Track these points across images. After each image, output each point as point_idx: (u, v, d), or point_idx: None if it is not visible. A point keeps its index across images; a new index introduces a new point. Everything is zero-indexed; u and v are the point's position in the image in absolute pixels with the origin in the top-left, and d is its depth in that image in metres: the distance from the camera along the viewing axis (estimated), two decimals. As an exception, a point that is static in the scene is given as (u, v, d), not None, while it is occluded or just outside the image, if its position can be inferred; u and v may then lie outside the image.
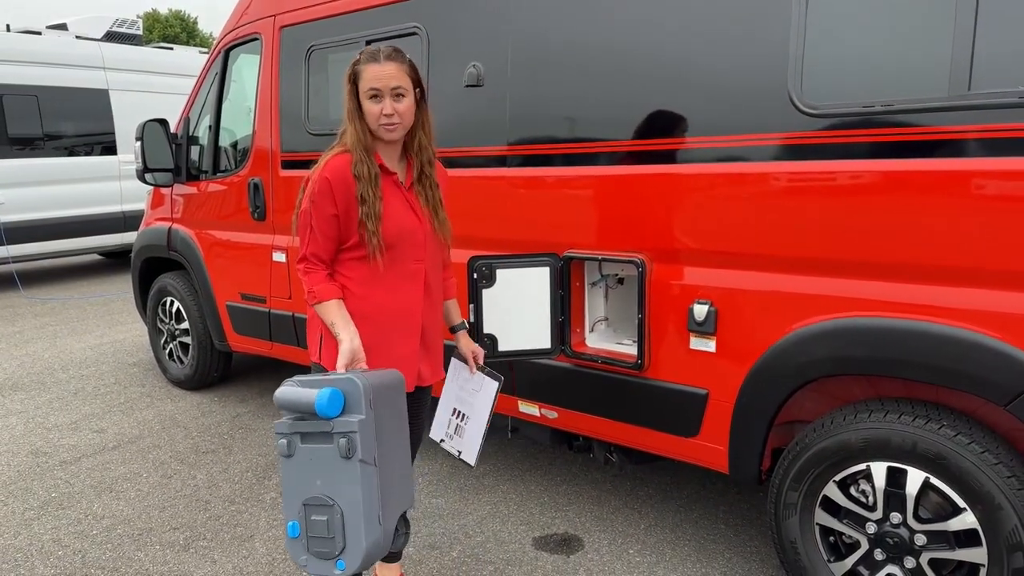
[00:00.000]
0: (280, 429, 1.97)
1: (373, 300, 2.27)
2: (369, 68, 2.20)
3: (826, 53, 2.36)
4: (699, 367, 2.73)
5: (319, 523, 1.93)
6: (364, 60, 2.23)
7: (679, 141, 2.69)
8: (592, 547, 3.15)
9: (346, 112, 2.26)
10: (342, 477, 1.92)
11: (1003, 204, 2.09)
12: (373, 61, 2.21)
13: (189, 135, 4.85)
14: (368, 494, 1.93)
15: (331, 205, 2.20)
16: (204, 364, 5.11)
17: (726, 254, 2.62)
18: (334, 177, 2.19)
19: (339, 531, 1.93)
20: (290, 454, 1.97)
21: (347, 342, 2.16)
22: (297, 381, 1.97)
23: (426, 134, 2.34)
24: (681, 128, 2.68)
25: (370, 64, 2.21)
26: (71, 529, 3.33)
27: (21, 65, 8.79)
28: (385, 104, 2.20)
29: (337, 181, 2.19)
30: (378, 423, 1.95)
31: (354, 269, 2.27)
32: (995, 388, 2.14)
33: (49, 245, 9.14)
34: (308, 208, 2.22)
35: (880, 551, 2.40)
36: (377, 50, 2.23)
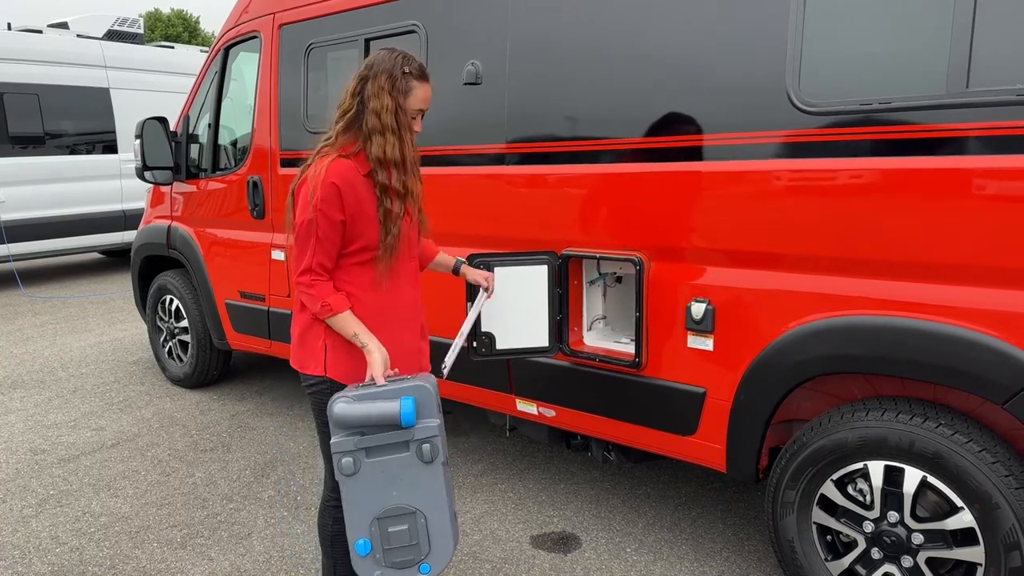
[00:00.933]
0: (343, 448, 1.93)
1: (379, 302, 2.22)
2: (422, 88, 2.17)
3: (824, 50, 2.36)
4: (697, 365, 2.72)
5: (399, 533, 1.94)
6: (415, 75, 2.16)
7: (677, 139, 2.68)
8: (590, 545, 3.14)
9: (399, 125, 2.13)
10: (423, 482, 1.93)
11: (1001, 202, 2.09)
12: (424, 80, 2.18)
13: (189, 133, 4.85)
14: (449, 494, 1.97)
15: (339, 211, 2.09)
16: (203, 362, 5.11)
17: (724, 252, 2.61)
18: (342, 183, 2.09)
19: (423, 536, 1.95)
20: (355, 472, 1.94)
21: (376, 351, 2.10)
22: (352, 397, 1.95)
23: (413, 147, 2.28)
24: (680, 126, 2.68)
25: (422, 83, 2.17)
26: (69, 526, 3.33)
27: (22, 63, 8.80)
28: (417, 123, 2.21)
29: (346, 187, 2.10)
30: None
31: (356, 274, 2.19)
32: (993, 387, 2.13)
33: (49, 243, 9.15)
34: (313, 217, 2.08)
35: (877, 550, 2.40)
36: (421, 66, 2.19)
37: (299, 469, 3.90)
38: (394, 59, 2.15)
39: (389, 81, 2.12)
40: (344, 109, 2.17)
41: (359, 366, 2.15)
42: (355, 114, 2.15)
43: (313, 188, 2.09)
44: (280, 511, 3.46)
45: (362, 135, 2.14)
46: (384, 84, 2.12)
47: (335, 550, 2.36)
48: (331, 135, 2.19)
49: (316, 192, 2.08)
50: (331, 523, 2.34)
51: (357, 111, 2.14)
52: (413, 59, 2.18)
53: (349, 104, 2.16)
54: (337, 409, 1.93)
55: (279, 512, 3.45)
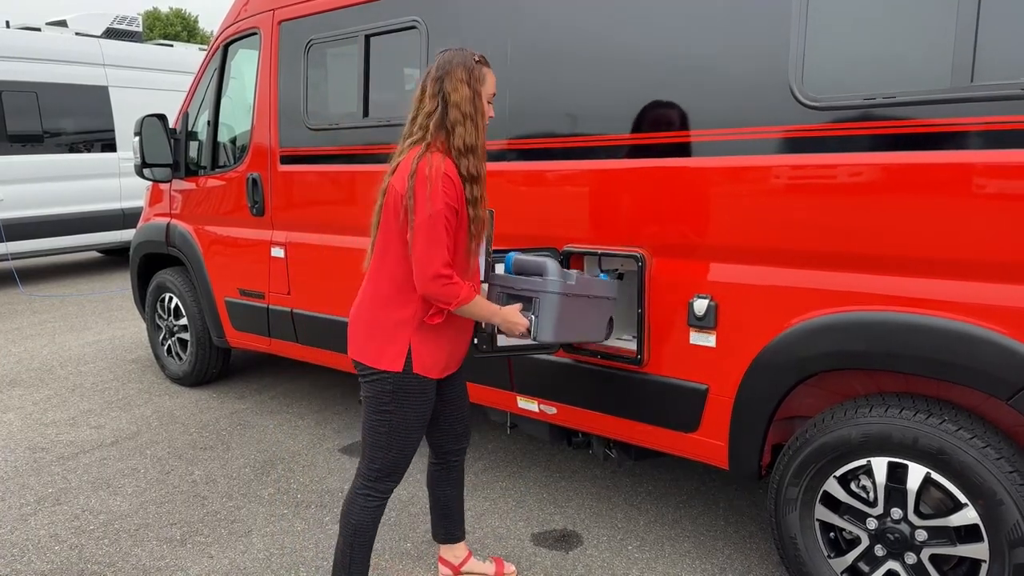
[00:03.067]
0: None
1: None
2: (491, 74, 2.34)
3: (827, 45, 2.34)
4: (699, 362, 2.71)
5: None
6: (484, 63, 2.32)
7: (680, 135, 2.67)
8: (591, 543, 3.13)
9: (477, 113, 2.27)
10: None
11: (1006, 197, 2.08)
12: (490, 68, 2.35)
13: (188, 130, 4.84)
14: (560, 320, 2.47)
15: (457, 203, 2.22)
16: (203, 360, 5.09)
17: (726, 248, 2.60)
18: (454, 176, 2.22)
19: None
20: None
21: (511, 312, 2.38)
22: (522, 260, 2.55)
23: None
24: (682, 122, 2.67)
25: (490, 70, 2.34)
26: (68, 525, 3.32)
27: (21, 62, 8.78)
28: (490, 109, 2.36)
29: (457, 179, 2.22)
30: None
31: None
32: (997, 382, 2.12)
33: (48, 242, 9.13)
34: (440, 210, 2.16)
35: (881, 547, 2.39)
36: (484, 56, 2.35)
37: (299, 467, 3.89)
38: (463, 54, 2.30)
39: (466, 72, 2.26)
40: (428, 111, 2.27)
41: (443, 357, 2.38)
42: (441, 112, 2.26)
43: (432, 183, 2.16)
44: (280, 509, 3.45)
45: (444, 129, 2.26)
46: (462, 76, 2.25)
47: (356, 539, 2.42)
48: (419, 134, 2.28)
49: (436, 186, 2.16)
50: (358, 511, 2.41)
51: (441, 109, 2.26)
52: (475, 51, 2.34)
53: (431, 105, 2.27)
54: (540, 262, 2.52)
55: (279, 510, 3.44)
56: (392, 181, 2.27)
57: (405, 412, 2.34)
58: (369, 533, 2.43)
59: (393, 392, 2.32)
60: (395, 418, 2.34)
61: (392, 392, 2.32)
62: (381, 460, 2.38)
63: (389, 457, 2.38)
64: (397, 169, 2.28)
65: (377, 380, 2.33)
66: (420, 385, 2.34)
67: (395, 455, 2.38)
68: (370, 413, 2.37)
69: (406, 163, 2.25)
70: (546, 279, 2.45)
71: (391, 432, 2.35)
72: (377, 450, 2.38)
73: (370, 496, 2.41)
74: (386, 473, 2.40)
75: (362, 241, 3.78)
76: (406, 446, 2.39)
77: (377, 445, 2.37)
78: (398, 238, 2.27)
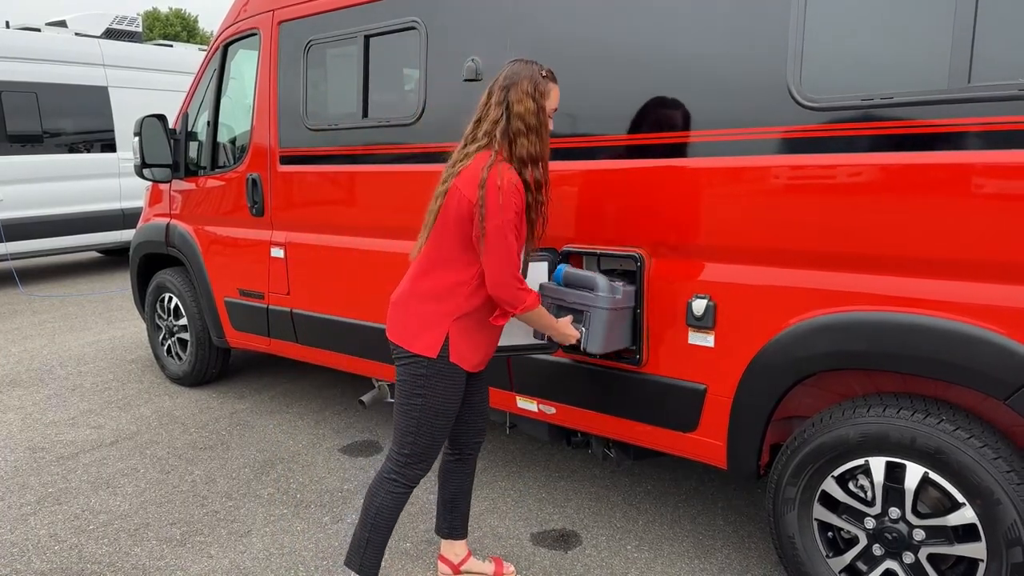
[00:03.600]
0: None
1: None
2: (556, 89, 2.43)
3: (825, 46, 2.35)
4: (697, 362, 2.72)
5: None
6: (550, 78, 2.41)
7: (678, 135, 2.68)
8: (590, 543, 3.14)
9: (540, 127, 2.36)
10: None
11: (1003, 197, 2.08)
12: (556, 83, 2.43)
13: (187, 131, 4.84)
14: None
15: (523, 211, 2.34)
16: (202, 360, 5.10)
17: (725, 248, 2.61)
18: (520, 186, 2.32)
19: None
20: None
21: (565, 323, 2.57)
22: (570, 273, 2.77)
23: None
24: (680, 122, 2.67)
25: (556, 86, 2.43)
26: (68, 524, 3.32)
27: (20, 62, 8.78)
28: (552, 121, 2.46)
29: (523, 191, 2.33)
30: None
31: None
32: (994, 382, 2.13)
33: (48, 242, 9.13)
34: (511, 219, 2.27)
35: (879, 546, 2.39)
36: (551, 71, 2.44)
37: (298, 467, 3.89)
38: (531, 67, 2.39)
39: (531, 85, 2.35)
40: (494, 118, 2.36)
41: (478, 352, 2.48)
42: (505, 121, 2.35)
43: (504, 193, 2.25)
44: (280, 509, 3.45)
45: (508, 138, 2.35)
46: (527, 88, 2.35)
47: (376, 521, 2.49)
48: (484, 140, 2.37)
49: (507, 196, 2.26)
50: (383, 494, 2.49)
51: (505, 118, 2.35)
52: (544, 65, 2.43)
53: (496, 113, 2.36)
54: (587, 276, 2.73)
55: (279, 510, 3.44)
56: (457, 184, 2.33)
57: (436, 397, 2.43)
58: (390, 518, 2.50)
59: (426, 376, 2.40)
60: (427, 402, 2.42)
61: (425, 376, 2.40)
62: (411, 446, 2.46)
63: (419, 443, 2.46)
64: (462, 173, 2.34)
65: (412, 363, 2.41)
66: (452, 373, 2.43)
67: (425, 441, 2.46)
68: (403, 397, 2.46)
69: (474, 170, 2.32)
70: (597, 294, 2.65)
71: (421, 416, 2.43)
72: (407, 435, 2.46)
73: (396, 482, 2.49)
74: (416, 459, 2.48)
75: (361, 241, 3.80)
76: (435, 432, 2.47)
77: (407, 430, 2.46)
78: (454, 237, 2.36)
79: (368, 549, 2.50)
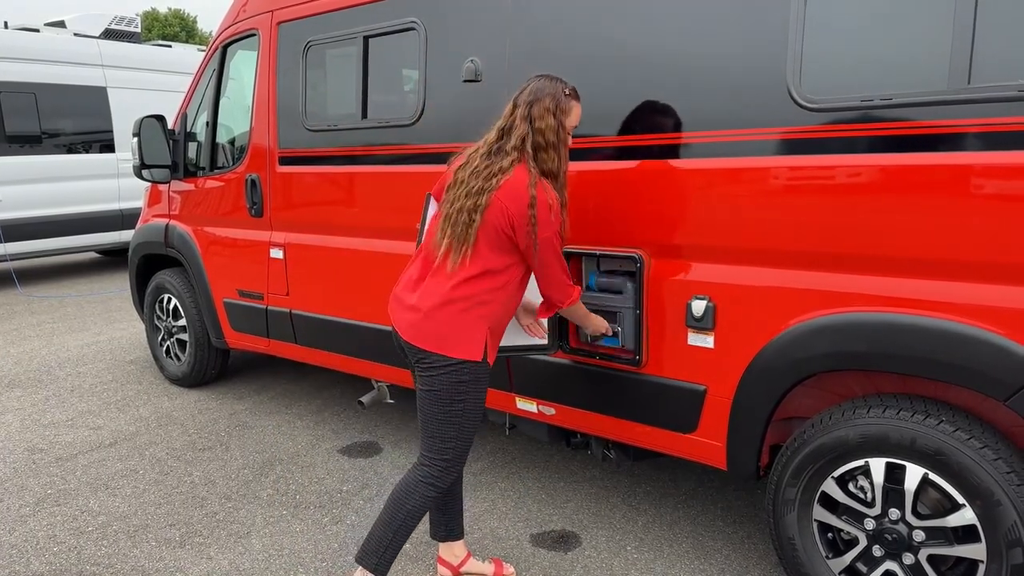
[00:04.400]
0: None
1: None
2: (578, 107, 2.49)
3: (825, 47, 2.35)
4: (697, 363, 2.72)
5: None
6: (573, 96, 2.47)
7: (678, 136, 2.68)
8: (590, 544, 3.14)
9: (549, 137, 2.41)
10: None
11: (1002, 198, 2.08)
12: (578, 100, 2.49)
13: (186, 131, 4.83)
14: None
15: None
16: (201, 361, 5.09)
17: (724, 249, 2.61)
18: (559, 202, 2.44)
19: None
20: None
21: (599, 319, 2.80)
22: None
23: None
24: (680, 123, 2.67)
25: (578, 104, 2.49)
26: (67, 525, 3.32)
27: (19, 62, 8.76)
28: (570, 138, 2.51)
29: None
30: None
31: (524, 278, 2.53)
32: (994, 383, 2.13)
33: (47, 243, 9.11)
34: (558, 230, 2.41)
35: (878, 547, 2.39)
36: (575, 89, 2.50)
37: (298, 468, 3.89)
38: (555, 84, 2.45)
39: (554, 102, 2.41)
40: (521, 133, 2.41)
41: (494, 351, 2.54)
42: (530, 136, 2.40)
43: (552, 208, 2.36)
44: (279, 510, 3.45)
45: (528, 153, 2.40)
46: (549, 106, 2.41)
47: (406, 524, 2.50)
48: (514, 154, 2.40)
49: (555, 209, 2.38)
50: (418, 498, 2.50)
51: (529, 132, 2.40)
52: (568, 82, 2.49)
53: (523, 128, 2.41)
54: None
55: (278, 511, 3.44)
56: (500, 197, 2.35)
57: (476, 400, 2.49)
58: (416, 521, 2.53)
59: (469, 381, 2.44)
60: (467, 407, 2.46)
61: (468, 381, 2.44)
62: (452, 451, 2.49)
63: (460, 447, 2.50)
64: (504, 187, 2.36)
65: (454, 369, 2.43)
66: (486, 374, 2.50)
67: (464, 444, 2.52)
68: (442, 405, 2.45)
69: (517, 185, 2.36)
70: (626, 296, 2.85)
71: (463, 421, 2.47)
72: (448, 441, 2.48)
73: (434, 487, 2.51)
74: (455, 464, 2.52)
75: (360, 242, 3.79)
76: (471, 435, 2.52)
77: (449, 436, 2.47)
78: (492, 246, 2.40)
79: (388, 550, 2.50)
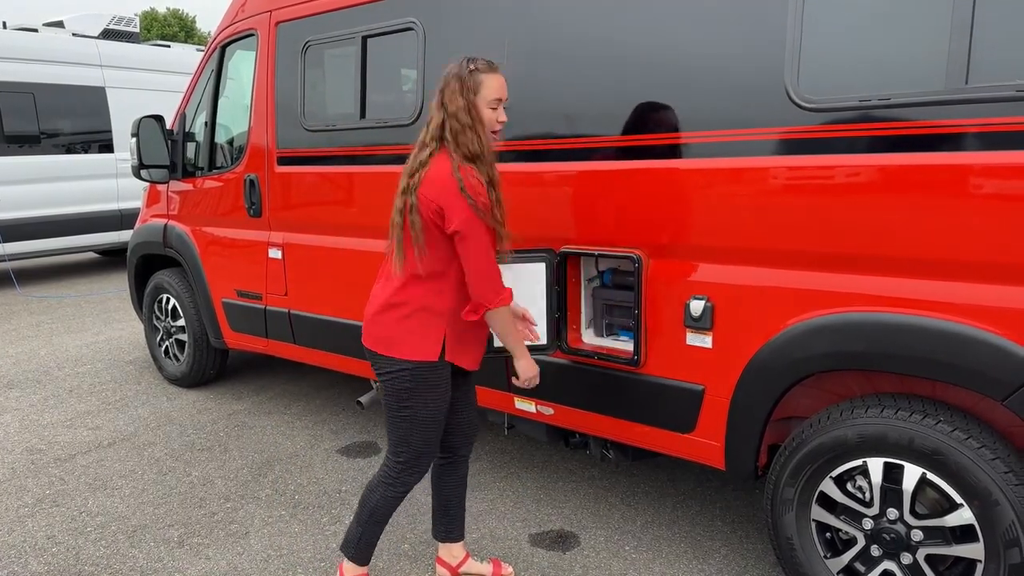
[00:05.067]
0: None
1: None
2: (493, 78, 2.36)
3: (823, 47, 2.35)
4: (695, 363, 2.72)
5: None
6: (484, 69, 2.36)
7: (676, 136, 2.68)
8: (588, 543, 3.14)
9: (473, 120, 2.32)
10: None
11: (1000, 198, 2.09)
12: (493, 71, 2.38)
13: (185, 131, 4.83)
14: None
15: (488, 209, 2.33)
16: (200, 361, 5.09)
17: (723, 249, 2.61)
18: (483, 185, 2.32)
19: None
20: None
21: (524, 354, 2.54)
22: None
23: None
24: (678, 123, 2.67)
25: (491, 74, 2.37)
26: (65, 526, 3.32)
27: (17, 62, 8.75)
28: (500, 113, 2.40)
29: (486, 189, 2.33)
30: None
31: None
32: (992, 383, 2.13)
33: (45, 243, 9.10)
34: (483, 215, 2.29)
35: (877, 547, 2.40)
36: (488, 61, 2.38)
37: (296, 468, 3.89)
38: (460, 63, 2.37)
39: (458, 82, 2.33)
40: (437, 122, 2.37)
41: (472, 349, 2.51)
42: (446, 123, 2.35)
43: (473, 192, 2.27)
44: (278, 510, 3.45)
45: (449, 139, 2.34)
46: (455, 87, 2.34)
47: (370, 519, 2.56)
48: (432, 144, 2.37)
49: (473, 194, 2.27)
50: (378, 498, 2.54)
51: (444, 120, 2.35)
52: (478, 58, 2.38)
53: (439, 116, 2.37)
54: None
55: (276, 511, 3.44)
56: (423, 192, 2.32)
57: (427, 404, 2.44)
58: (384, 517, 2.58)
59: (419, 383, 2.42)
60: (417, 410, 2.44)
61: (417, 383, 2.42)
62: (405, 454, 2.49)
63: (412, 450, 2.49)
64: (424, 181, 2.33)
65: (401, 372, 2.41)
66: (441, 375, 2.45)
67: (418, 448, 2.49)
68: (393, 408, 2.47)
69: (435, 175, 2.32)
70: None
71: (413, 425, 2.45)
72: (400, 444, 2.49)
73: (392, 487, 2.54)
74: (410, 467, 2.51)
75: (359, 242, 3.79)
76: (428, 439, 2.49)
77: (401, 439, 2.48)
78: (430, 243, 2.35)
79: (362, 543, 2.61)
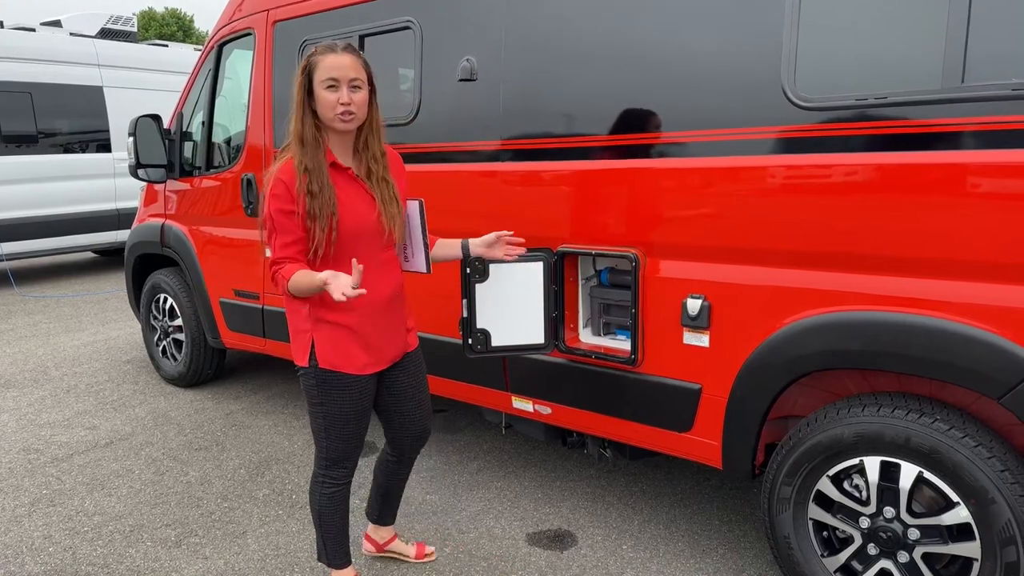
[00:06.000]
0: None
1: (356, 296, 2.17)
2: (327, 58, 2.25)
3: (820, 45, 2.35)
4: (692, 362, 2.72)
5: None
6: (321, 52, 2.28)
7: (674, 135, 2.68)
8: (586, 543, 3.14)
9: (295, 104, 2.28)
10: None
11: (997, 197, 2.09)
12: (331, 52, 2.27)
13: (182, 131, 4.83)
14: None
15: (290, 202, 2.23)
16: (198, 361, 5.09)
17: (720, 248, 2.61)
18: (288, 177, 2.24)
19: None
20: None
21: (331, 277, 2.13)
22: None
23: (373, 133, 2.39)
24: (675, 122, 2.67)
25: (328, 55, 2.26)
26: (62, 526, 3.31)
27: (15, 62, 8.74)
28: (342, 94, 2.25)
29: (291, 180, 2.24)
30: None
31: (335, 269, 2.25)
32: (988, 382, 2.13)
33: (43, 243, 9.09)
34: (269, 212, 2.25)
35: (873, 545, 2.40)
36: (335, 43, 2.31)
37: (294, 468, 3.89)
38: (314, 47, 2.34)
39: (303, 64, 2.28)
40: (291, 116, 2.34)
41: (342, 353, 2.38)
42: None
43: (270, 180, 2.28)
44: (275, 510, 3.45)
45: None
46: (300, 67, 2.29)
47: (323, 522, 2.58)
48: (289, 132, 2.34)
49: (269, 188, 2.26)
50: (317, 497, 2.56)
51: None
52: (334, 42, 2.33)
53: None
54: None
55: (274, 511, 3.43)
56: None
57: (332, 404, 2.43)
58: (334, 515, 2.57)
59: (317, 386, 2.41)
60: (327, 410, 2.44)
61: (316, 386, 2.42)
62: (326, 449, 2.51)
63: (332, 447, 2.50)
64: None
65: (303, 375, 2.44)
66: (339, 380, 2.40)
67: (337, 445, 2.49)
68: (310, 406, 2.49)
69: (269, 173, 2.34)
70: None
71: (327, 424, 2.46)
72: (320, 440, 2.51)
73: (324, 483, 2.54)
74: (334, 461, 2.52)
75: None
76: (345, 436, 2.49)
77: (318, 435, 2.50)
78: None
79: (327, 546, 2.62)
